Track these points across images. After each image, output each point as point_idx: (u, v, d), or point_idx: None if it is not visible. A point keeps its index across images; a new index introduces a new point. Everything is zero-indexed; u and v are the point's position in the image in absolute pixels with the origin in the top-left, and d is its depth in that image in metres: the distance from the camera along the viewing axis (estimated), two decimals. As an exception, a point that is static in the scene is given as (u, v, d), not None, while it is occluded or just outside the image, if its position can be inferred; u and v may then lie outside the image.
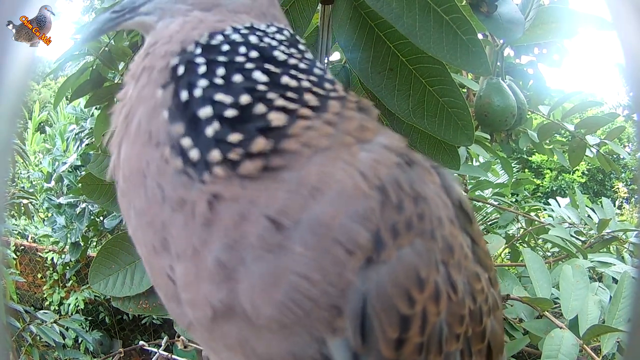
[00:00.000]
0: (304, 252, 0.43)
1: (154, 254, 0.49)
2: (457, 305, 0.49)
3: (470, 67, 0.91)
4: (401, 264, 0.44)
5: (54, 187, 3.71)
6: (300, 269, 0.43)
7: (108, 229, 2.91)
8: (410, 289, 0.44)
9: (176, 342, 1.76)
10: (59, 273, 4.37)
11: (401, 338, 0.45)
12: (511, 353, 1.52)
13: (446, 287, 0.48)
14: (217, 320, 0.46)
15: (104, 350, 4.31)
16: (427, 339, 0.46)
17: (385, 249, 0.44)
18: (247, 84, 0.48)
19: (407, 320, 0.45)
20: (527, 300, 1.44)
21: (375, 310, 0.43)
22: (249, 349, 0.46)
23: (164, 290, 0.52)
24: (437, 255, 0.47)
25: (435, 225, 0.47)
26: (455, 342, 0.49)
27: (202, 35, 0.52)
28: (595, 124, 2.19)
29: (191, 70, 0.50)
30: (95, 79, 2.01)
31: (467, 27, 0.87)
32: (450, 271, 0.48)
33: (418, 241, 0.45)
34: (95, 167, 1.13)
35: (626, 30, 0.55)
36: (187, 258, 0.46)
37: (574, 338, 1.26)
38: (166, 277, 0.49)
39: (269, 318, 0.43)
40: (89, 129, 3.22)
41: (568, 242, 1.87)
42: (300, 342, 0.44)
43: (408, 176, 0.47)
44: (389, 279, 0.44)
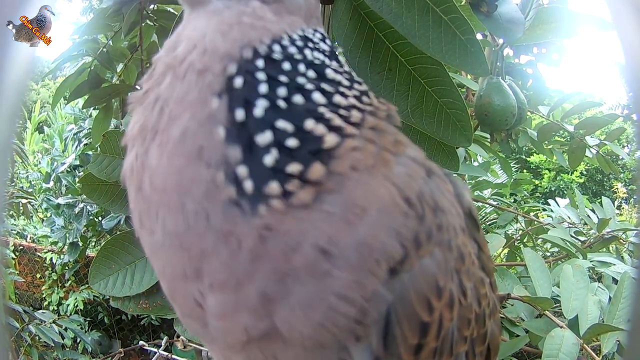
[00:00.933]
0: (346, 275, 0.42)
1: (182, 279, 0.46)
2: (466, 310, 0.51)
3: (468, 68, 0.91)
4: (422, 273, 0.45)
5: (53, 187, 3.71)
6: (340, 290, 0.42)
7: (106, 229, 2.91)
8: (430, 297, 0.45)
9: (175, 343, 1.76)
10: (58, 273, 4.36)
11: (420, 343, 0.46)
12: (511, 351, 1.52)
13: (458, 293, 0.49)
14: (249, 343, 0.46)
15: (102, 350, 4.30)
16: (441, 342, 0.48)
17: (409, 258, 0.44)
18: (309, 107, 0.45)
19: (426, 326, 0.46)
20: (528, 299, 1.44)
21: (398, 318, 0.44)
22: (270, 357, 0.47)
23: (186, 311, 0.49)
24: (452, 263, 0.48)
25: (452, 235, 0.49)
26: (463, 344, 0.51)
27: (261, 42, 0.47)
28: (595, 125, 2.19)
29: (251, 86, 0.45)
30: (93, 80, 2.02)
31: (466, 27, 0.87)
32: (461, 278, 0.50)
33: (437, 251, 0.46)
34: (95, 167, 1.12)
35: (626, 30, 0.55)
36: (227, 289, 0.43)
37: (574, 337, 1.26)
38: (193, 302, 0.46)
39: (305, 338, 0.43)
40: (87, 129, 3.22)
41: (568, 242, 1.87)
42: (328, 353, 0.45)
43: (429, 188, 0.48)
44: (412, 287, 0.45)
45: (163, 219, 0.44)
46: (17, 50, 0.65)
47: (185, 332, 1.17)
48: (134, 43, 2.00)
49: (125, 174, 0.49)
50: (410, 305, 0.44)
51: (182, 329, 1.18)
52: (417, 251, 0.45)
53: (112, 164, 1.13)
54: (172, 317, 1.18)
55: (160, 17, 1.92)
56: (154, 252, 0.48)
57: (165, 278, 0.49)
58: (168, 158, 0.44)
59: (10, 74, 0.59)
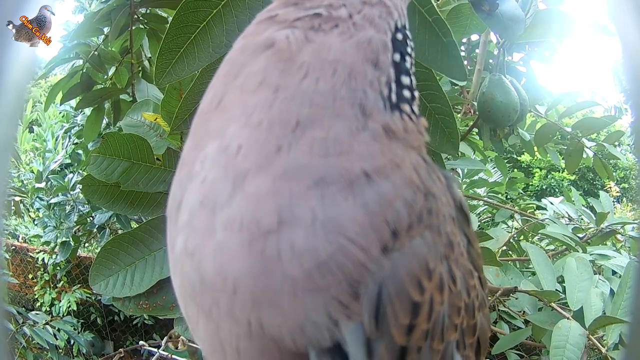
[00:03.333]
0: (362, 217, 0.43)
1: None
2: (456, 297, 0.51)
3: (448, 71, 0.92)
4: (413, 253, 0.46)
5: (44, 187, 3.68)
6: (353, 232, 0.43)
7: (97, 224, 2.91)
8: (420, 277, 0.46)
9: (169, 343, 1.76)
10: (50, 274, 4.34)
11: (412, 324, 0.46)
12: (513, 344, 1.54)
13: (448, 279, 0.49)
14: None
15: (95, 351, 4.29)
16: (432, 326, 0.48)
17: (400, 238, 0.45)
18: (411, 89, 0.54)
19: (417, 306, 0.46)
20: (535, 293, 1.46)
21: (390, 296, 0.44)
22: (254, 318, 0.44)
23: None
24: (442, 249, 0.49)
25: (441, 221, 0.49)
26: (453, 332, 0.51)
27: (396, 21, 0.54)
28: (593, 127, 2.22)
29: (402, 43, 0.53)
30: (85, 82, 2.05)
31: (446, 30, 0.88)
32: (451, 265, 0.50)
33: (427, 233, 0.47)
34: (95, 168, 1.12)
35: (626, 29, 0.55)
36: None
37: (580, 328, 1.29)
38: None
39: (302, 272, 0.42)
40: (79, 126, 3.20)
41: (567, 236, 1.89)
42: (316, 317, 0.43)
43: (424, 173, 0.50)
44: (403, 266, 0.45)
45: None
46: (17, 50, 0.65)
47: (186, 333, 1.17)
48: (125, 47, 2.01)
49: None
50: (402, 284, 0.45)
51: (182, 329, 1.17)
52: (408, 231, 0.45)
53: (111, 165, 1.12)
54: (172, 317, 1.18)
55: (151, 21, 1.92)
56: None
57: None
58: (350, 45, 0.49)
59: (10, 74, 0.59)
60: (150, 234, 1.12)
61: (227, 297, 0.45)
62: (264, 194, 0.43)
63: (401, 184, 0.46)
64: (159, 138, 1.21)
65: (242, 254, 0.43)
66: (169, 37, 0.89)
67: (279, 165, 0.44)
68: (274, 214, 0.43)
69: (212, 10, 0.88)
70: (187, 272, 0.48)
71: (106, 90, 2.04)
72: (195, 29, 0.89)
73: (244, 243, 0.43)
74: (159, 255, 1.12)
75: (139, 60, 2.02)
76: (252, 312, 0.44)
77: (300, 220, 0.43)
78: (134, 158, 1.14)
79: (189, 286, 0.49)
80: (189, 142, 0.52)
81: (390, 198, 0.45)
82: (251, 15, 0.89)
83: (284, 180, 0.43)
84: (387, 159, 0.46)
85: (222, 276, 0.44)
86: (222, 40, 0.90)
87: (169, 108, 1.14)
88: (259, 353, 0.46)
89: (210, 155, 0.47)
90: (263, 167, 0.44)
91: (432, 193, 0.49)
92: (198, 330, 0.51)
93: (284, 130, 0.45)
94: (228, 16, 0.89)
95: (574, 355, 1.24)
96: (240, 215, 0.44)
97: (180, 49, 0.90)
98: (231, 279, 0.44)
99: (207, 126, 0.49)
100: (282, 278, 0.43)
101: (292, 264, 0.42)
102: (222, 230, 0.44)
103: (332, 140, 0.45)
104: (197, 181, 0.47)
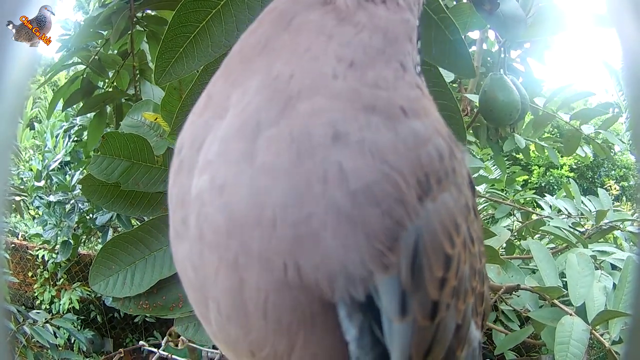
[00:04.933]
0: (403, 150, 0.44)
1: None
2: (474, 258, 0.51)
3: (456, 69, 0.92)
4: (445, 206, 0.46)
5: (44, 185, 3.68)
6: (395, 162, 0.43)
7: (98, 224, 2.91)
8: (450, 230, 0.46)
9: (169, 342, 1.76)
10: (50, 271, 4.34)
11: (444, 277, 0.45)
12: (514, 343, 1.54)
13: (468, 239, 0.50)
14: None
15: (95, 349, 4.29)
16: (458, 282, 0.48)
17: (432, 190, 0.45)
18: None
19: (449, 259, 0.46)
20: (538, 289, 1.46)
21: (425, 248, 0.43)
22: (291, 260, 0.41)
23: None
24: (463, 208, 0.49)
25: (461, 182, 0.50)
26: (471, 294, 0.51)
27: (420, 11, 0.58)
28: (589, 115, 2.24)
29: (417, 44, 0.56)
30: (86, 88, 2.04)
31: (453, 28, 0.88)
32: (469, 226, 0.51)
33: (453, 190, 0.47)
34: (95, 168, 1.12)
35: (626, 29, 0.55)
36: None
37: (584, 324, 1.29)
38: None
39: (347, 196, 0.41)
40: (78, 125, 3.20)
41: (567, 231, 1.89)
42: (356, 258, 0.41)
43: (448, 133, 0.51)
44: (437, 217, 0.45)
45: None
46: (17, 50, 0.64)
47: (186, 332, 1.17)
48: (125, 50, 2.01)
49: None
50: (437, 235, 0.44)
51: (182, 329, 1.17)
52: (438, 184, 0.45)
53: (112, 165, 1.12)
54: (172, 317, 1.18)
55: (151, 23, 1.92)
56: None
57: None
58: (396, 19, 0.52)
59: (10, 74, 0.59)
60: (150, 234, 1.12)
61: (262, 235, 0.42)
62: (318, 110, 0.43)
63: (432, 130, 0.47)
64: (159, 138, 1.21)
65: (286, 176, 0.41)
66: (168, 36, 0.89)
67: (334, 88, 0.45)
68: (328, 126, 0.42)
69: (212, 10, 0.88)
70: (210, 213, 0.44)
71: (108, 94, 2.04)
72: (195, 28, 0.89)
73: (289, 162, 0.42)
74: (159, 255, 1.12)
75: (142, 62, 2.01)
76: (289, 251, 0.41)
77: (351, 139, 0.42)
78: (134, 158, 1.14)
79: (210, 231, 0.44)
80: (218, 80, 0.52)
81: (424, 139, 0.45)
82: (250, 15, 0.89)
83: (339, 100, 0.44)
84: (420, 105, 0.48)
85: (260, 207, 0.42)
86: (222, 40, 0.90)
87: (169, 108, 1.14)
88: (289, 309, 0.43)
89: (254, 85, 0.46)
90: (318, 89, 0.44)
91: (455, 155, 0.49)
92: (214, 293, 0.46)
93: (340, 65, 0.46)
94: (227, 16, 0.89)
95: (578, 351, 1.25)
96: (290, 130, 0.43)
97: (180, 49, 0.90)
98: (270, 209, 0.41)
99: (247, 65, 0.49)
100: (326, 204, 0.41)
101: (338, 186, 0.41)
102: (265, 151, 0.42)
103: (382, 78, 0.47)
104: (235, 111, 0.46)
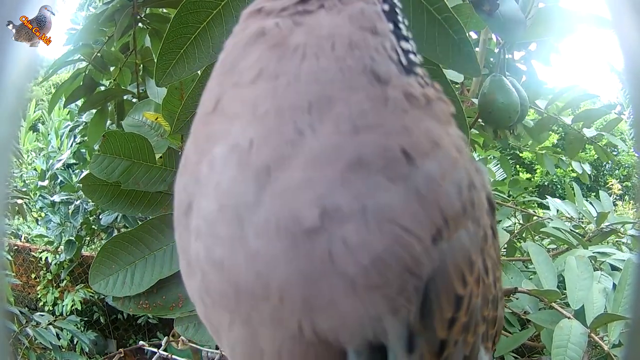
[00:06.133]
0: (414, 203, 0.40)
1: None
2: (487, 289, 0.50)
3: (461, 68, 0.91)
4: (460, 245, 0.44)
5: (48, 185, 3.69)
6: (408, 220, 0.39)
7: (103, 225, 2.91)
8: (464, 270, 0.44)
9: (171, 343, 1.76)
10: (53, 273, 4.34)
11: (454, 317, 0.44)
12: (514, 346, 1.53)
13: (483, 272, 0.49)
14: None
15: (98, 350, 4.29)
16: (468, 318, 0.47)
17: (448, 229, 0.42)
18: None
19: (460, 300, 0.45)
20: (536, 292, 1.45)
21: (437, 289, 0.42)
22: (306, 322, 0.40)
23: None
24: (480, 241, 0.47)
25: (480, 214, 0.47)
26: (482, 324, 0.50)
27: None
28: (592, 117, 2.22)
29: (394, 13, 0.50)
30: (88, 84, 2.05)
31: (458, 27, 0.87)
32: (485, 257, 0.49)
33: (470, 225, 0.45)
34: (96, 167, 1.12)
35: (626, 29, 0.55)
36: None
37: (582, 327, 1.28)
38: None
39: (360, 269, 0.38)
40: (83, 124, 3.21)
41: (567, 232, 1.88)
42: (373, 315, 0.40)
43: (466, 154, 0.47)
44: (451, 258, 0.43)
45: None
46: (17, 50, 0.65)
47: (186, 332, 1.17)
48: (127, 47, 2.01)
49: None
50: (449, 277, 0.43)
51: (182, 329, 1.17)
52: (456, 224, 0.43)
53: (112, 164, 1.13)
54: (172, 317, 1.18)
55: (154, 20, 1.92)
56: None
57: None
58: (342, 18, 0.45)
59: (10, 74, 0.59)
60: (150, 233, 1.12)
61: (271, 306, 0.41)
62: (296, 187, 0.39)
63: (447, 165, 0.42)
64: (160, 137, 1.22)
65: (286, 260, 0.39)
66: (169, 37, 0.89)
67: (305, 151, 0.39)
68: (314, 207, 0.38)
69: (212, 10, 0.88)
70: (214, 282, 0.44)
71: (110, 91, 2.04)
72: (196, 29, 0.89)
73: (286, 247, 0.39)
74: (159, 254, 1.12)
75: (145, 59, 2.01)
76: (303, 317, 0.40)
77: (348, 211, 0.38)
78: (134, 157, 1.14)
79: (217, 295, 0.44)
80: (190, 146, 0.49)
81: (440, 180, 0.41)
82: (251, 15, 0.89)
83: (316, 167, 0.39)
84: (421, 133, 0.42)
85: (264, 285, 0.40)
86: (222, 41, 0.89)
87: (170, 108, 1.14)
88: (304, 355, 0.43)
89: (219, 156, 0.42)
90: (286, 157, 0.39)
91: (474, 184, 0.46)
92: (229, 334, 0.47)
93: (298, 114, 0.40)
94: (228, 16, 0.89)
95: (576, 354, 1.24)
96: (275, 216, 0.39)
97: (181, 50, 0.90)
98: (276, 288, 0.40)
99: (208, 130, 0.46)
100: (337, 279, 0.39)
101: (347, 262, 0.38)
102: (255, 237, 0.40)
103: (356, 113, 0.40)
104: (209, 186, 0.43)
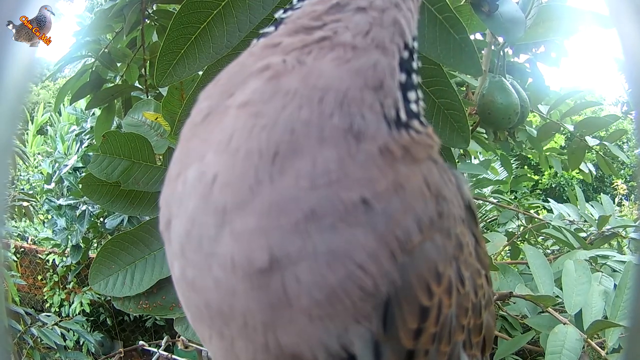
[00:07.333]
0: (371, 241, 0.42)
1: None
2: (464, 298, 0.51)
3: (462, 67, 0.91)
4: (423, 257, 0.45)
5: (54, 188, 3.71)
6: (361, 257, 0.41)
7: (109, 229, 2.92)
8: (430, 281, 0.45)
9: (176, 342, 1.76)
10: (59, 275, 4.37)
11: (419, 328, 0.46)
12: (514, 349, 1.52)
13: (456, 281, 0.49)
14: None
15: (104, 351, 4.30)
16: (440, 329, 0.48)
17: (411, 243, 0.44)
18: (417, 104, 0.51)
19: (426, 311, 0.46)
20: (530, 297, 1.44)
21: (398, 301, 0.44)
22: (271, 339, 0.43)
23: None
24: (451, 251, 0.48)
25: (452, 224, 0.48)
26: (460, 333, 0.51)
27: (406, 40, 0.50)
28: (595, 126, 2.20)
29: (408, 62, 0.50)
30: (95, 81, 2.03)
31: (459, 27, 0.87)
32: (460, 266, 0.50)
33: (437, 237, 0.46)
34: (95, 167, 1.12)
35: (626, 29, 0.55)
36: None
37: (578, 333, 1.26)
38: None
39: (313, 302, 0.41)
40: (88, 130, 3.22)
41: (568, 232, 1.87)
42: (334, 331, 0.42)
43: (436, 178, 0.48)
44: (413, 271, 0.44)
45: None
46: (17, 50, 0.65)
47: (186, 332, 1.17)
48: (134, 43, 2.01)
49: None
50: (411, 289, 0.44)
51: (182, 329, 1.17)
52: (421, 235, 0.44)
53: (112, 164, 1.13)
54: (172, 317, 1.18)
55: (162, 17, 1.92)
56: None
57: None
58: (346, 71, 0.45)
59: (10, 75, 0.59)
60: (151, 233, 1.12)
61: (237, 325, 0.44)
62: (250, 233, 0.41)
63: (409, 201, 0.44)
64: (160, 137, 1.22)
65: (244, 291, 0.42)
66: (169, 38, 0.89)
67: (261, 201, 0.41)
68: (265, 253, 0.41)
69: (213, 11, 0.88)
70: (190, 297, 0.47)
71: (117, 87, 2.03)
72: (196, 29, 0.89)
73: (244, 282, 0.42)
74: (159, 255, 1.12)
75: (154, 55, 2.00)
76: (268, 335, 0.43)
77: (299, 255, 0.41)
78: (134, 157, 1.15)
79: (195, 309, 0.48)
80: (176, 153, 0.50)
81: (398, 217, 0.43)
82: (251, 16, 0.89)
83: (270, 217, 0.41)
84: (388, 181, 0.43)
85: (229, 308, 0.43)
86: (223, 41, 0.90)
87: (170, 108, 1.14)
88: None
89: (190, 180, 0.45)
90: (244, 202, 0.41)
91: (443, 196, 0.48)
92: (210, 345, 0.50)
93: (262, 161, 0.41)
94: (229, 17, 0.89)
95: (571, 360, 1.22)
96: (231, 254, 0.42)
97: (181, 50, 0.90)
98: (239, 312, 0.43)
99: (191, 144, 0.48)
100: (292, 309, 0.42)
101: (301, 297, 0.41)
102: (217, 267, 0.43)
103: (319, 170, 0.41)
104: (181, 207, 0.46)
